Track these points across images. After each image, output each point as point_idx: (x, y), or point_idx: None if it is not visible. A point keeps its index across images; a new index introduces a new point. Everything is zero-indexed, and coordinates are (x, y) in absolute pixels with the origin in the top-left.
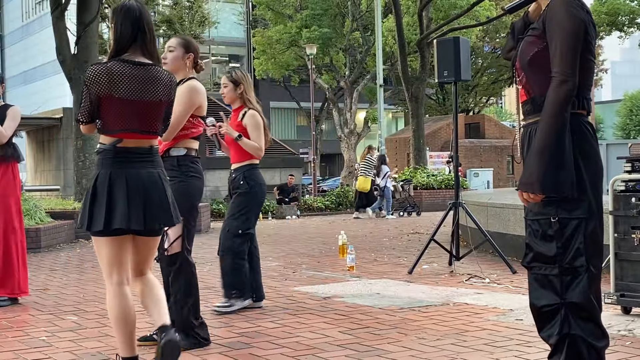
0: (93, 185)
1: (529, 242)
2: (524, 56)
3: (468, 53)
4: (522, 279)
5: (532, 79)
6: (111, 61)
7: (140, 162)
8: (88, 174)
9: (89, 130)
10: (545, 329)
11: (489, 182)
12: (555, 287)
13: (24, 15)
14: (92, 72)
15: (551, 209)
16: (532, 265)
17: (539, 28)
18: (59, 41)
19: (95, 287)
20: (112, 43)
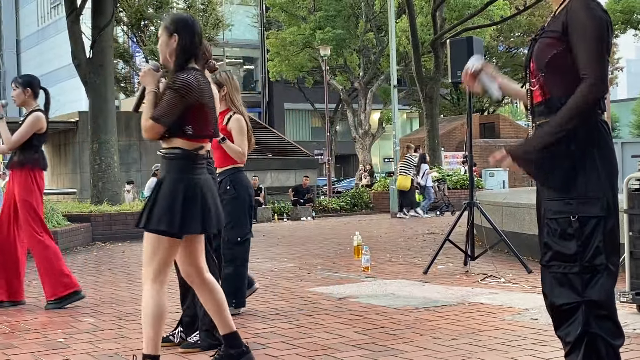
0: (183, 191)
1: (548, 241)
2: (542, 57)
3: (481, 52)
4: (537, 278)
5: (550, 81)
6: (191, 70)
7: (205, 167)
8: (104, 177)
9: (157, 133)
10: (562, 327)
11: (505, 181)
12: (574, 286)
13: (40, 20)
14: (186, 81)
15: (571, 208)
16: (551, 264)
17: (557, 30)
18: (74, 45)
19: (111, 290)
20: (177, 54)
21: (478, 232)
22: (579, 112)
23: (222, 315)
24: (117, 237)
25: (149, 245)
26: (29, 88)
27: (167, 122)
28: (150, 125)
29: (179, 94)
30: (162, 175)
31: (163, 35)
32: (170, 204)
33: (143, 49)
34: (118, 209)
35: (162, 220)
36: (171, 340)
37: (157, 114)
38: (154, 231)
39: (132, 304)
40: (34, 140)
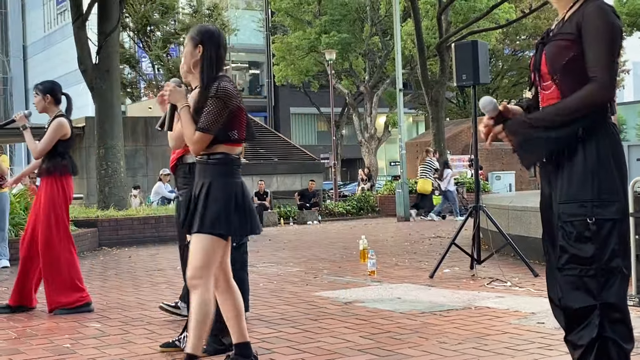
0: (235, 194)
1: (563, 245)
2: (559, 60)
3: (486, 56)
4: (543, 282)
5: (567, 83)
6: (223, 77)
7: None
8: (110, 182)
9: (206, 143)
10: (575, 331)
11: (511, 185)
12: (589, 289)
13: (46, 26)
14: (227, 87)
15: (586, 210)
16: (566, 267)
17: (573, 33)
18: (80, 51)
19: (118, 295)
20: (203, 65)
21: (484, 235)
22: (582, 108)
23: (239, 323)
24: (124, 242)
25: (201, 249)
26: (49, 94)
27: (215, 130)
28: (200, 136)
29: (222, 102)
30: (205, 180)
31: (188, 45)
32: (224, 207)
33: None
34: (124, 214)
35: (217, 223)
36: (177, 345)
37: (205, 124)
38: (208, 234)
39: (139, 309)
40: (59, 147)
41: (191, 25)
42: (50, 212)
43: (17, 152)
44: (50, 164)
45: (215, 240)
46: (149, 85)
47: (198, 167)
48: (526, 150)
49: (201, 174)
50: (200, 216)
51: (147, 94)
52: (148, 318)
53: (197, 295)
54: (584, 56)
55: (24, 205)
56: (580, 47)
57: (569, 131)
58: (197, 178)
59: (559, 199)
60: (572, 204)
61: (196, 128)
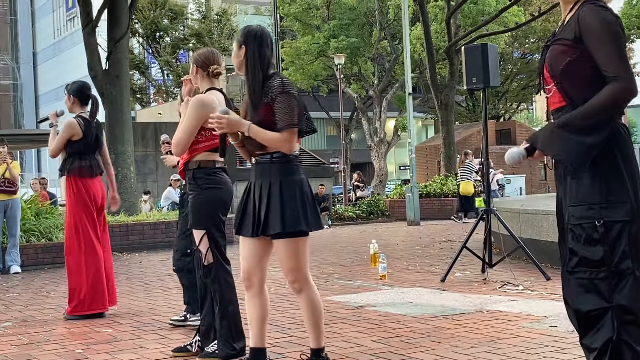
0: (306, 190)
1: (573, 247)
2: (557, 64)
3: (496, 59)
4: (556, 285)
5: (567, 87)
6: (276, 75)
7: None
8: (120, 188)
9: (295, 137)
10: (589, 335)
11: (522, 188)
12: (600, 291)
13: (56, 33)
14: (287, 80)
15: (594, 212)
16: (576, 270)
17: (569, 37)
18: (90, 57)
19: (129, 300)
20: (250, 64)
21: (495, 239)
22: (608, 109)
23: (260, 328)
24: (134, 248)
25: (291, 250)
26: (73, 95)
27: (299, 123)
28: (289, 133)
29: (294, 96)
30: (272, 179)
31: (234, 48)
32: (301, 204)
33: (158, 60)
34: (135, 219)
35: (298, 221)
36: (189, 350)
37: (289, 120)
38: (292, 234)
39: (150, 314)
40: (68, 148)
41: (200, 31)
42: (70, 217)
43: (28, 159)
44: (63, 165)
45: (299, 239)
46: (158, 90)
47: (257, 168)
48: (569, 155)
49: (263, 173)
50: (280, 216)
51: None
52: (159, 323)
53: (303, 299)
54: (583, 59)
55: (35, 211)
56: (578, 50)
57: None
58: (256, 178)
59: (568, 202)
60: (581, 206)
61: (280, 128)
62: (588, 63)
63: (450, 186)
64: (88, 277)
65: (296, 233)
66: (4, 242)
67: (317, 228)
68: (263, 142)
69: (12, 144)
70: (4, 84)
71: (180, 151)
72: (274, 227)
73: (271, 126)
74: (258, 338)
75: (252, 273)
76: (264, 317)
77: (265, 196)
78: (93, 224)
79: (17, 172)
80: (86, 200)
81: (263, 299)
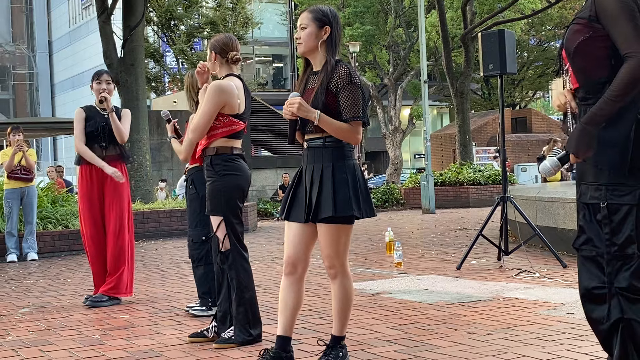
0: (358, 175)
1: (582, 225)
2: (571, 43)
3: (513, 46)
4: (572, 272)
5: (576, 66)
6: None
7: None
8: (136, 176)
9: (361, 129)
10: (595, 312)
11: (537, 176)
12: (604, 271)
13: (71, 21)
14: (353, 70)
15: (601, 194)
16: (583, 248)
17: (584, 17)
18: (105, 45)
19: (145, 287)
20: (333, 45)
21: (511, 227)
22: (628, 87)
23: (294, 316)
24: (150, 235)
25: (335, 235)
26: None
27: (364, 116)
28: (356, 126)
29: (360, 88)
30: (324, 164)
31: (311, 26)
32: (353, 189)
33: (173, 49)
34: (151, 207)
35: (349, 206)
36: (205, 335)
37: (357, 113)
38: (341, 220)
39: (166, 300)
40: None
41: (215, 20)
42: (80, 201)
43: (44, 147)
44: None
45: (346, 226)
46: (173, 79)
47: (309, 152)
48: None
49: (316, 158)
50: (332, 201)
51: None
52: (176, 309)
53: (338, 285)
54: (594, 40)
55: (52, 198)
56: (591, 30)
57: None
58: (308, 163)
59: (580, 179)
60: (590, 185)
61: (346, 119)
62: (601, 42)
63: (466, 174)
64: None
65: (346, 219)
66: (21, 230)
67: (369, 215)
68: (331, 132)
69: (28, 132)
70: (20, 72)
71: (199, 136)
72: (326, 211)
73: (334, 115)
74: (288, 327)
75: (298, 260)
76: (298, 305)
77: (317, 180)
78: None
79: (33, 159)
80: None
81: (301, 287)
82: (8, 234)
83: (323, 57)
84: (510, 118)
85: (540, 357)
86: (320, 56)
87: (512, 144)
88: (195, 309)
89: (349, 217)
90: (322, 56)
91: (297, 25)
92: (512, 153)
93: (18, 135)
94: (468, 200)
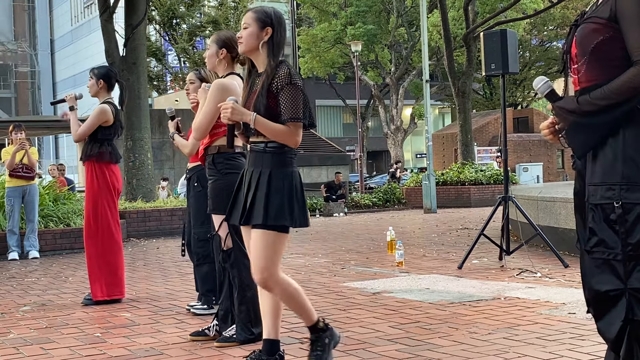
0: (296, 185)
1: (593, 227)
2: (587, 43)
3: (515, 45)
4: (574, 272)
5: (592, 67)
6: (284, 63)
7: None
8: (138, 174)
9: (301, 130)
10: (605, 317)
11: (539, 176)
12: (618, 273)
13: (73, 19)
14: (293, 71)
15: (614, 193)
16: (594, 250)
17: (604, 17)
18: (107, 44)
19: (147, 285)
20: (275, 47)
21: (513, 226)
22: (628, 92)
23: (276, 320)
24: (151, 234)
25: (266, 243)
26: (102, 80)
27: (303, 116)
28: (294, 127)
29: (300, 89)
30: (263, 169)
31: (253, 26)
32: (288, 198)
33: (175, 48)
34: (152, 205)
35: (282, 215)
36: (206, 334)
37: (293, 113)
38: (273, 228)
39: (167, 299)
40: (99, 134)
41: (217, 18)
42: (89, 201)
43: (45, 145)
44: (88, 149)
45: (279, 234)
46: (175, 78)
47: (251, 156)
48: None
49: (256, 162)
50: (263, 208)
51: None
52: (177, 308)
53: (277, 294)
54: (613, 40)
55: (53, 196)
56: (611, 30)
57: (615, 115)
58: (249, 166)
59: (588, 181)
60: (601, 186)
61: (284, 120)
62: (620, 44)
63: (468, 174)
64: (106, 263)
65: (278, 227)
66: (23, 228)
67: (302, 225)
68: (268, 135)
69: (30, 130)
70: (22, 70)
71: (201, 135)
72: (257, 218)
73: (276, 117)
74: (272, 329)
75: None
76: (277, 307)
77: (254, 185)
78: (113, 211)
79: (35, 157)
80: (109, 186)
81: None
82: (9, 232)
83: (265, 59)
84: (512, 118)
85: (541, 357)
86: (262, 57)
87: (514, 143)
88: (197, 308)
89: (280, 226)
90: (264, 57)
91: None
92: (514, 153)
93: (20, 133)
94: (469, 199)
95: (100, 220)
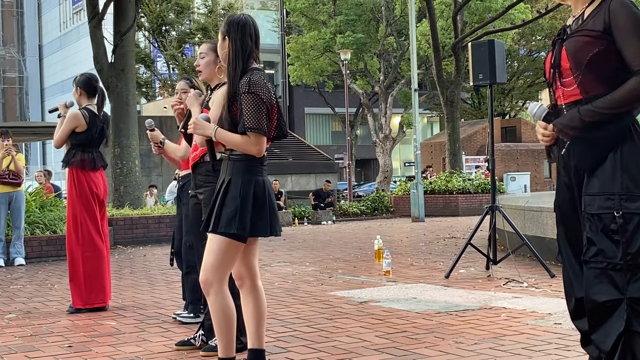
0: (253, 193)
1: (591, 237)
2: (582, 56)
3: (503, 56)
4: (560, 282)
5: (587, 79)
6: (255, 71)
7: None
8: (125, 181)
9: (262, 140)
10: (601, 328)
11: (526, 186)
12: (615, 282)
13: (62, 25)
14: (260, 80)
15: (614, 203)
16: (592, 260)
17: (598, 29)
18: (96, 50)
19: (133, 293)
20: (232, 56)
21: (500, 236)
22: (630, 102)
23: (258, 328)
24: (138, 241)
25: (216, 249)
26: (80, 87)
27: (263, 126)
28: (254, 137)
29: (257, 96)
30: (226, 177)
31: (219, 39)
32: (241, 206)
33: (164, 54)
34: (139, 212)
35: (232, 223)
36: (192, 343)
37: (252, 123)
38: (223, 234)
39: (154, 307)
40: (72, 139)
41: (206, 26)
42: (69, 209)
43: (33, 151)
44: (66, 156)
45: (229, 241)
46: (163, 85)
47: (223, 164)
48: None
49: (224, 170)
50: (216, 215)
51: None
52: (163, 316)
53: (212, 301)
54: (609, 52)
55: (40, 203)
56: (605, 43)
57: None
58: (221, 174)
59: (584, 191)
60: (600, 196)
61: (241, 130)
62: (614, 56)
63: (455, 183)
64: (85, 270)
65: (229, 235)
66: (9, 234)
67: (258, 234)
68: (229, 146)
69: (17, 136)
70: (10, 76)
71: (186, 154)
72: (212, 225)
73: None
74: (256, 338)
75: (239, 272)
76: (259, 316)
77: (220, 193)
78: (93, 218)
79: (22, 164)
80: (87, 194)
81: (256, 297)
82: None
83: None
84: (500, 127)
85: None
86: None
87: (502, 153)
88: (183, 316)
89: (231, 234)
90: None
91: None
92: (502, 162)
93: (7, 139)
94: (457, 208)
95: (80, 228)
